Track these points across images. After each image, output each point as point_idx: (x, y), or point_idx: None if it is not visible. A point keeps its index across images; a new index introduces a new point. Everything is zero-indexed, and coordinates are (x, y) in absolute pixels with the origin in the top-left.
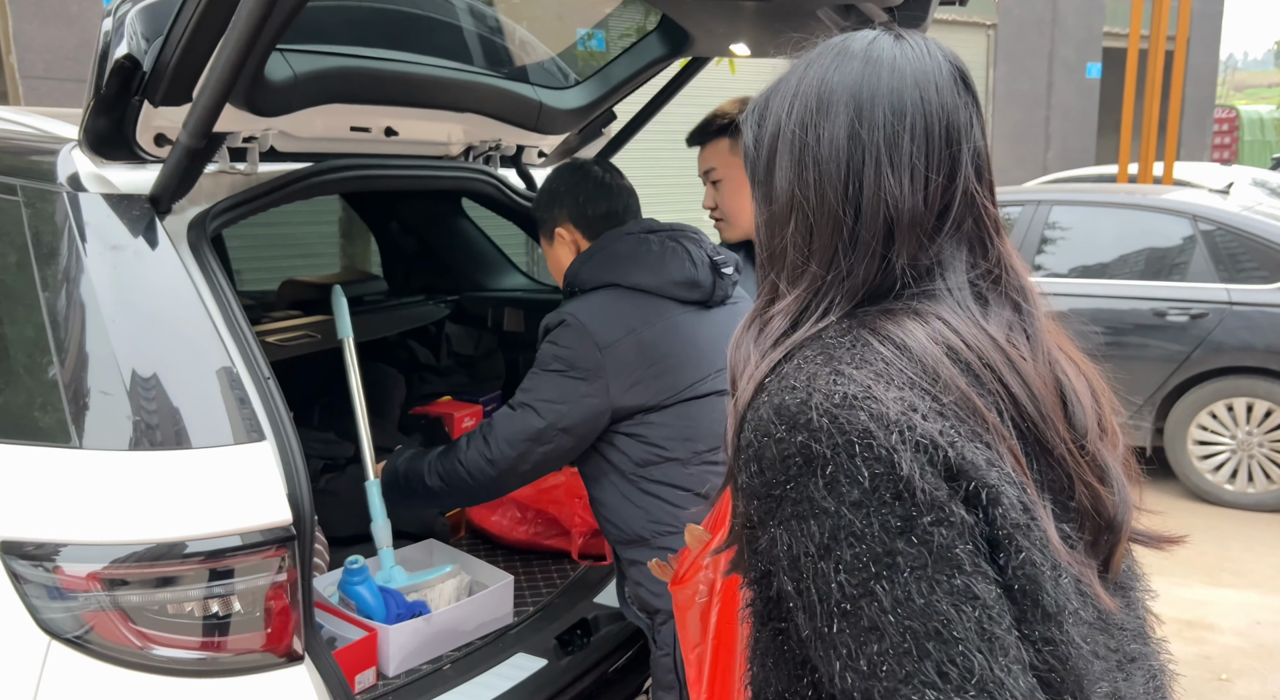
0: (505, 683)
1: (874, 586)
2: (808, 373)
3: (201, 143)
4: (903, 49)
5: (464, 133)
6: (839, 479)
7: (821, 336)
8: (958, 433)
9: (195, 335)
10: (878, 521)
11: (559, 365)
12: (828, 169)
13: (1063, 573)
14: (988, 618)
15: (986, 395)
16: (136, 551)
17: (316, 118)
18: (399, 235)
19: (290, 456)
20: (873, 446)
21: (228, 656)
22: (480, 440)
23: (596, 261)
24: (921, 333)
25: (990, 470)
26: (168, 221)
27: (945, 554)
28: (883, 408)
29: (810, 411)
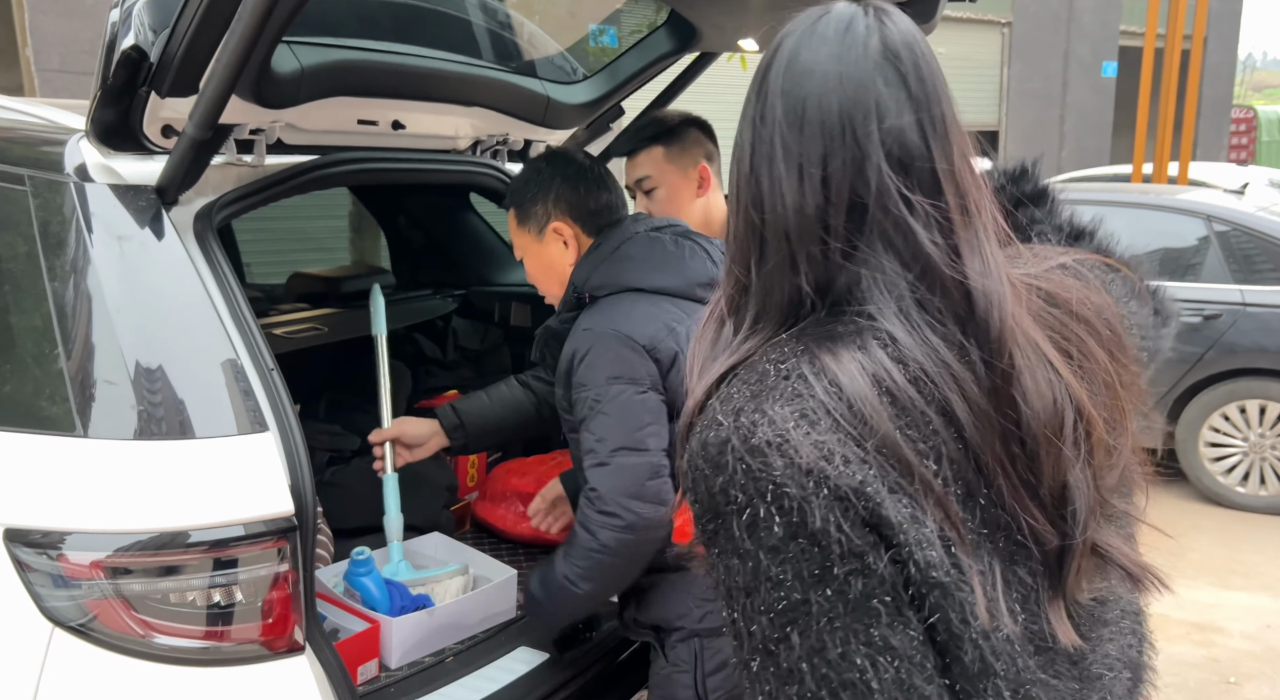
0: (507, 676)
1: (790, 633)
2: (734, 406)
3: (208, 134)
4: (835, 24)
5: (471, 127)
6: (756, 524)
7: (763, 359)
8: (881, 482)
9: (200, 326)
10: (792, 570)
11: (619, 386)
12: (742, 165)
13: (999, 630)
14: (906, 669)
15: (921, 439)
16: (140, 540)
17: (323, 110)
18: (407, 229)
19: (293, 447)
20: (785, 496)
21: (229, 646)
22: (600, 518)
23: (611, 264)
24: (856, 367)
25: (911, 526)
26: (174, 212)
27: (862, 605)
28: (796, 456)
29: (727, 455)
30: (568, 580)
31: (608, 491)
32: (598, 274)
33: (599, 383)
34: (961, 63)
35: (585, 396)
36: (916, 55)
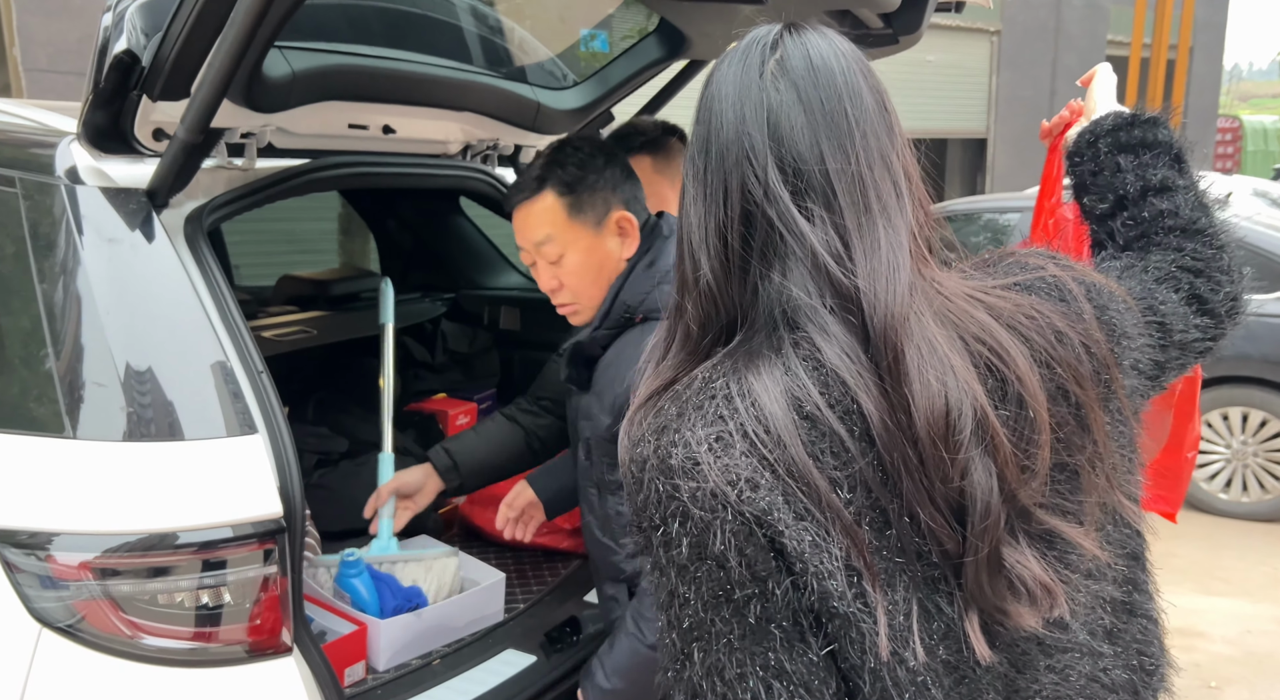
0: (494, 678)
1: (693, 650)
2: (660, 423)
3: (199, 137)
4: (751, 48)
5: (462, 132)
6: (669, 543)
7: (697, 377)
8: (789, 508)
9: (190, 328)
10: (695, 590)
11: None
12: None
13: (903, 663)
14: (801, 694)
15: (836, 466)
16: (128, 541)
17: (314, 114)
18: (396, 233)
19: (282, 449)
20: (689, 519)
21: (217, 647)
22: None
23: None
24: (779, 389)
25: (812, 554)
26: (164, 215)
27: (760, 629)
28: (703, 481)
29: (645, 472)
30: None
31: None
32: (655, 295)
33: None
34: (951, 71)
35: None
36: (816, 64)
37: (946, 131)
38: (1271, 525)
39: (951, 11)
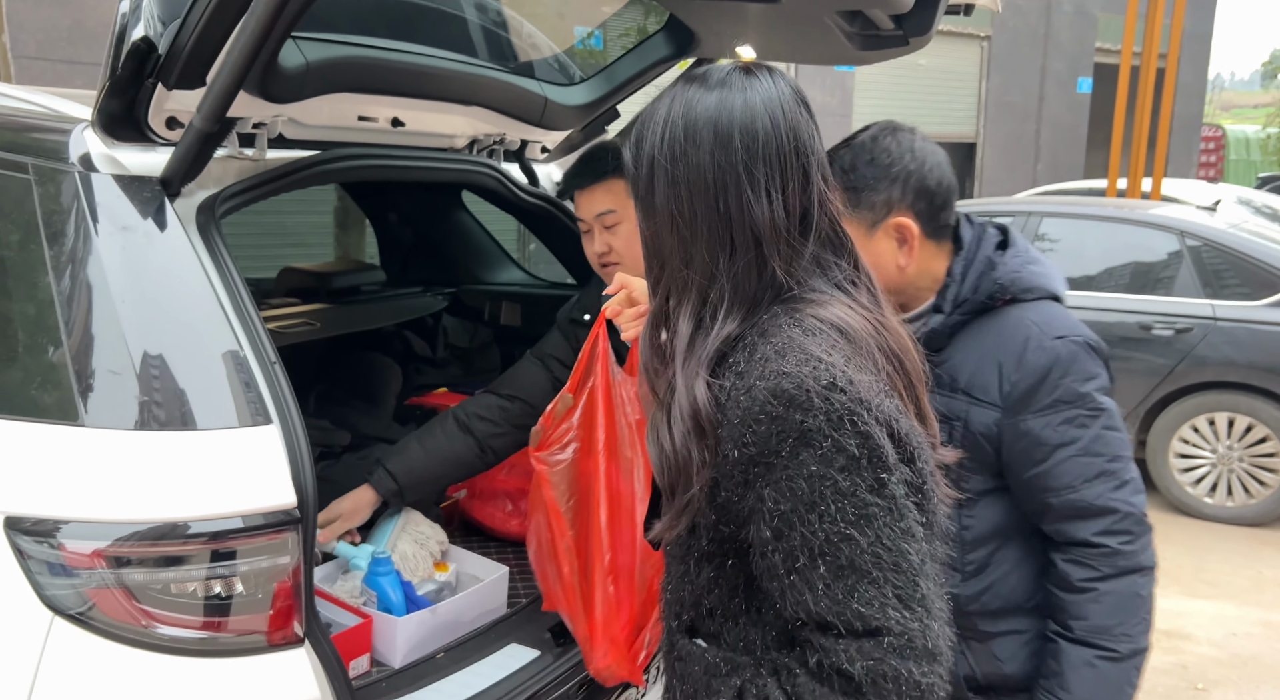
0: (499, 672)
1: (853, 533)
2: (792, 359)
3: (215, 127)
4: (751, 81)
5: (469, 126)
6: (830, 448)
7: (773, 325)
8: (897, 408)
9: (203, 318)
10: (860, 481)
11: (1108, 399)
12: (698, 190)
13: (934, 495)
14: (923, 554)
15: (895, 372)
16: (140, 530)
17: (325, 106)
18: (397, 227)
19: (295, 441)
20: (856, 422)
21: (228, 637)
22: (1138, 537)
23: (1036, 266)
24: (852, 317)
25: (913, 433)
26: (177, 204)
27: (900, 505)
28: (859, 391)
29: (806, 394)
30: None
31: (1142, 509)
32: (1028, 274)
33: (1090, 398)
34: (941, 75)
35: (1074, 415)
36: (807, 100)
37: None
38: (1256, 530)
39: (960, 14)
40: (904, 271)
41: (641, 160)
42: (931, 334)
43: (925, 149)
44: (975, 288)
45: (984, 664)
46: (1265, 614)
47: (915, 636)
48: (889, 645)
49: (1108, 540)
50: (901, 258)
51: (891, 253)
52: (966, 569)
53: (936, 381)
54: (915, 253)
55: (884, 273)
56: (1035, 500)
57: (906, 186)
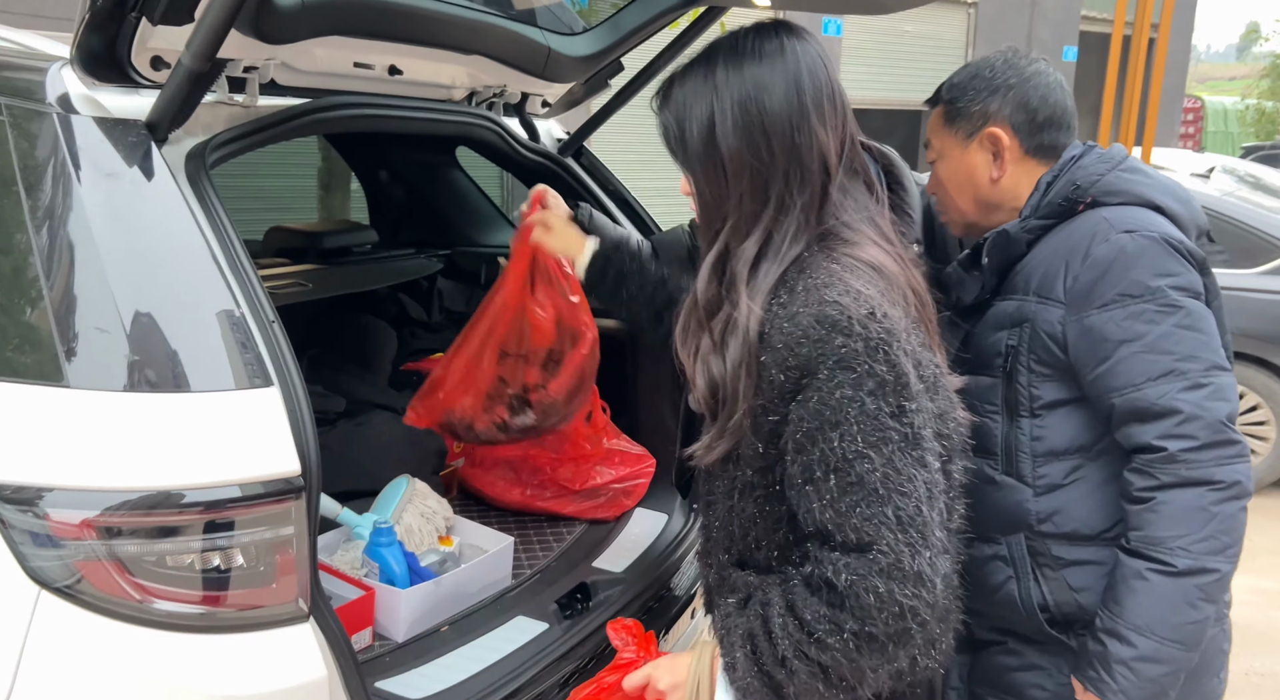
0: (507, 646)
1: (869, 452)
2: (836, 289)
3: (205, 66)
4: (798, 39)
5: (468, 76)
6: (864, 372)
7: (815, 262)
8: (922, 342)
9: (196, 272)
10: (885, 406)
11: (1188, 298)
12: (775, 130)
13: (953, 418)
14: (932, 482)
15: (919, 307)
16: (131, 499)
17: (320, 50)
18: (389, 185)
19: (296, 405)
20: (889, 351)
21: (229, 612)
22: (1221, 452)
23: (1126, 172)
24: (884, 257)
25: (934, 365)
26: (165, 151)
27: (917, 433)
28: (894, 322)
29: (849, 321)
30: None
31: (1217, 417)
32: (1114, 178)
33: (1161, 292)
34: (928, 42)
35: (1141, 310)
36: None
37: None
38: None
39: None
40: (996, 184)
41: (693, 125)
42: (1005, 239)
43: (1036, 70)
44: (1046, 193)
45: (1058, 593)
46: (1257, 581)
47: (904, 557)
48: (876, 562)
49: (1167, 443)
50: (994, 169)
51: (985, 164)
52: (1037, 484)
53: (1011, 288)
54: (1008, 165)
55: (977, 184)
56: (1103, 403)
57: (1005, 98)
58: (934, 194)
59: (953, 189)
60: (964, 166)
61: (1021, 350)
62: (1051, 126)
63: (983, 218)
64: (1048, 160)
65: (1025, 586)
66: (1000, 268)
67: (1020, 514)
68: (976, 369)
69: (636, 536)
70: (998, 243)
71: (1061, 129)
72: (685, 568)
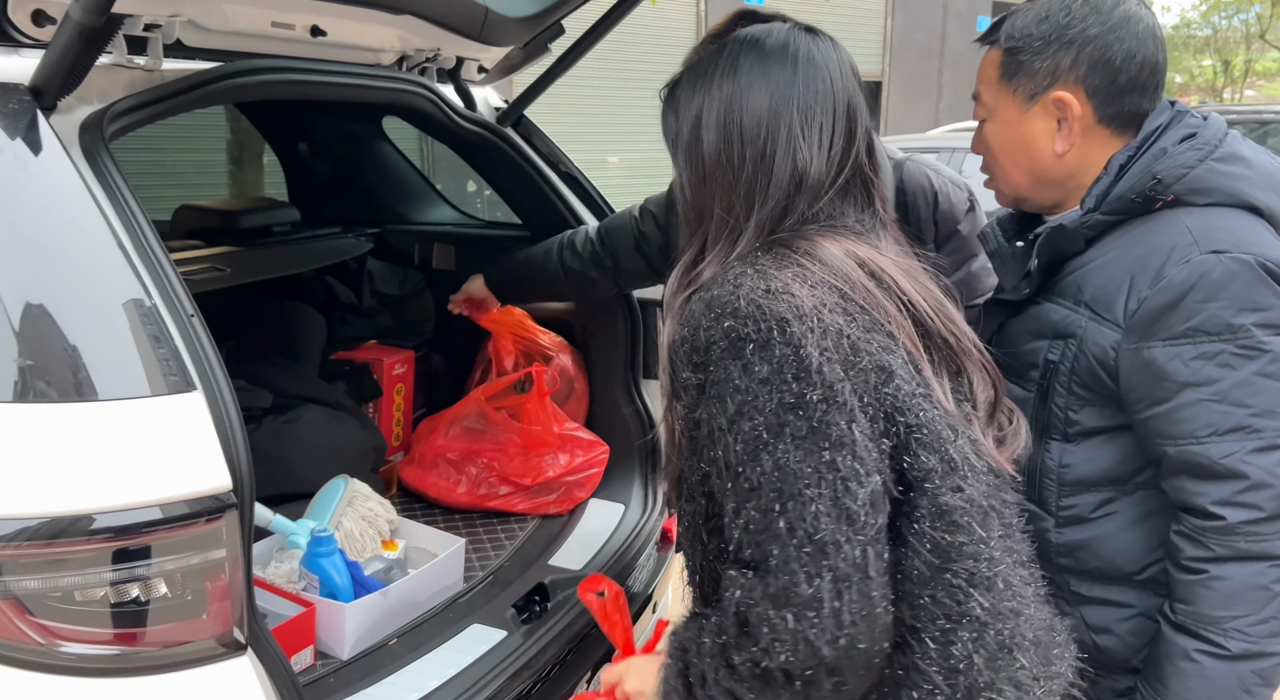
0: (464, 657)
1: (760, 453)
2: (734, 275)
3: (99, 21)
4: (815, 43)
5: (399, 38)
6: (753, 357)
7: (755, 256)
8: (860, 326)
9: (98, 260)
10: (777, 396)
11: (1268, 339)
12: (750, 135)
13: (959, 435)
14: (844, 489)
15: (888, 295)
16: (29, 527)
17: (232, 6)
18: (309, 158)
19: (223, 410)
20: (786, 330)
21: (152, 651)
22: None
23: (1222, 163)
24: (834, 246)
25: (882, 353)
26: (53, 121)
27: (823, 429)
28: (799, 301)
29: (738, 301)
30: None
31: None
32: (1204, 171)
33: (1245, 332)
34: (847, 13)
35: (1217, 350)
36: (859, 73)
37: None
38: None
39: None
40: (1062, 160)
41: (687, 108)
42: (1060, 234)
43: (1125, 14)
44: (1130, 183)
45: (1073, 630)
46: None
47: (798, 579)
48: (769, 586)
49: (1226, 512)
50: (1059, 141)
51: (1048, 134)
52: (1060, 515)
53: (1060, 290)
54: (1076, 137)
55: (1035, 155)
56: (1152, 447)
57: (1081, 54)
58: (979, 153)
59: (1004, 157)
60: (1021, 133)
61: (1063, 369)
62: (1135, 90)
63: (1036, 193)
64: (1124, 131)
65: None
66: (1049, 264)
67: (1038, 543)
68: (1006, 372)
69: (593, 530)
70: (1051, 239)
71: (1147, 92)
72: (645, 561)
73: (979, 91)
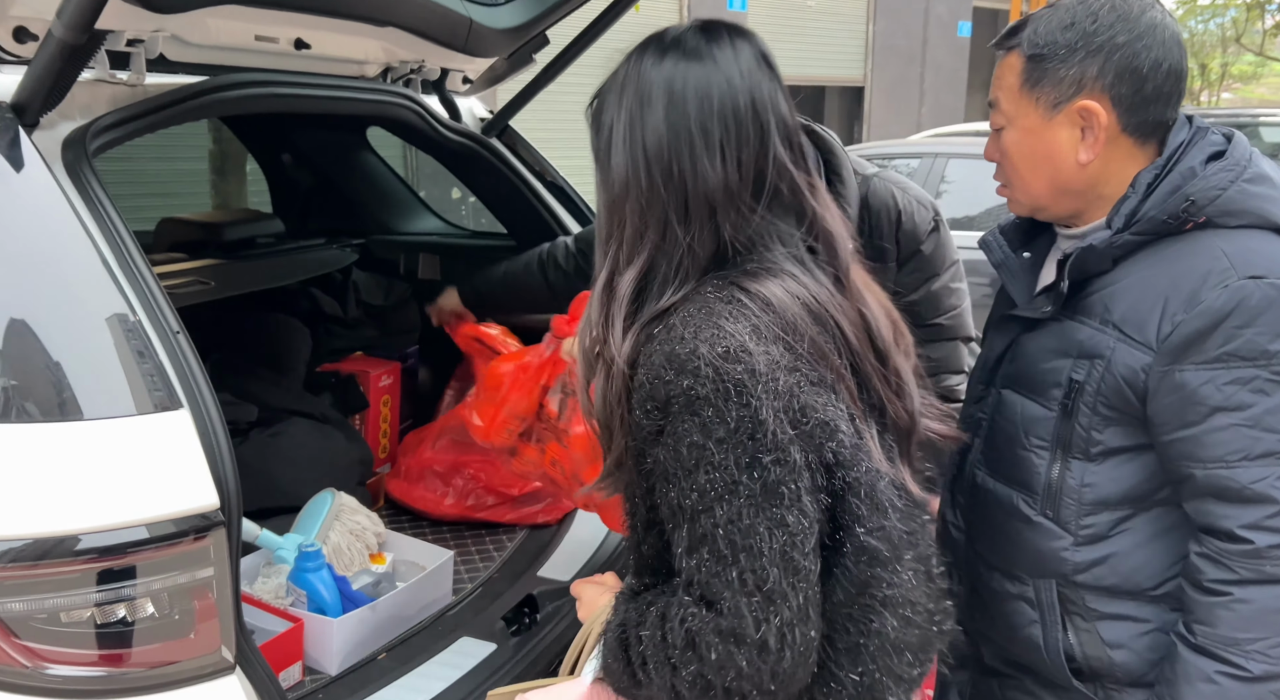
0: (453, 672)
1: (714, 506)
2: (694, 326)
3: (81, 38)
4: (709, 41)
5: (383, 51)
6: (711, 418)
7: (700, 294)
8: (808, 381)
9: (82, 278)
10: (733, 456)
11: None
12: (654, 155)
13: (884, 478)
14: (791, 544)
15: (829, 340)
16: (13, 549)
17: (215, 21)
18: (293, 170)
19: (210, 427)
20: (744, 394)
21: (139, 672)
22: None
23: (1252, 184)
24: (781, 290)
25: (827, 408)
26: (35, 137)
27: (775, 489)
28: (754, 362)
29: (697, 360)
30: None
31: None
32: (1236, 194)
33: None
34: (829, 18)
35: (1251, 376)
36: (771, 58)
37: (824, 79)
38: None
39: None
40: (1085, 170)
41: (602, 127)
42: (1089, 253)
43: (1151, 21)
44: (1160, 203)
45: (1089, 645)
46: None
47: (746, 624)
48: (719, 625)
49: (1255, 536)
50: (1083, 151)
51: (1071, 144)
52: (1080, 534)
53: (1085, 310)
54: (1101, 146)
55: (1058, 165)
56: (1177, 468)
57: (1109, 62)
58: (994, 161)
59: (1024, 166)
60: (1043, 143)
61: (1088, 388)
62: (1160, 99)
63: (1055, 203)
64: (1147, 140)
65: (1052, 634)
66: (1075, 282)
67: (1055, 561)
68: (1023, 387)
69: (582, 539)
70: (1081, 260)
71: (1171, 101)
72: None
73: (997, 98)
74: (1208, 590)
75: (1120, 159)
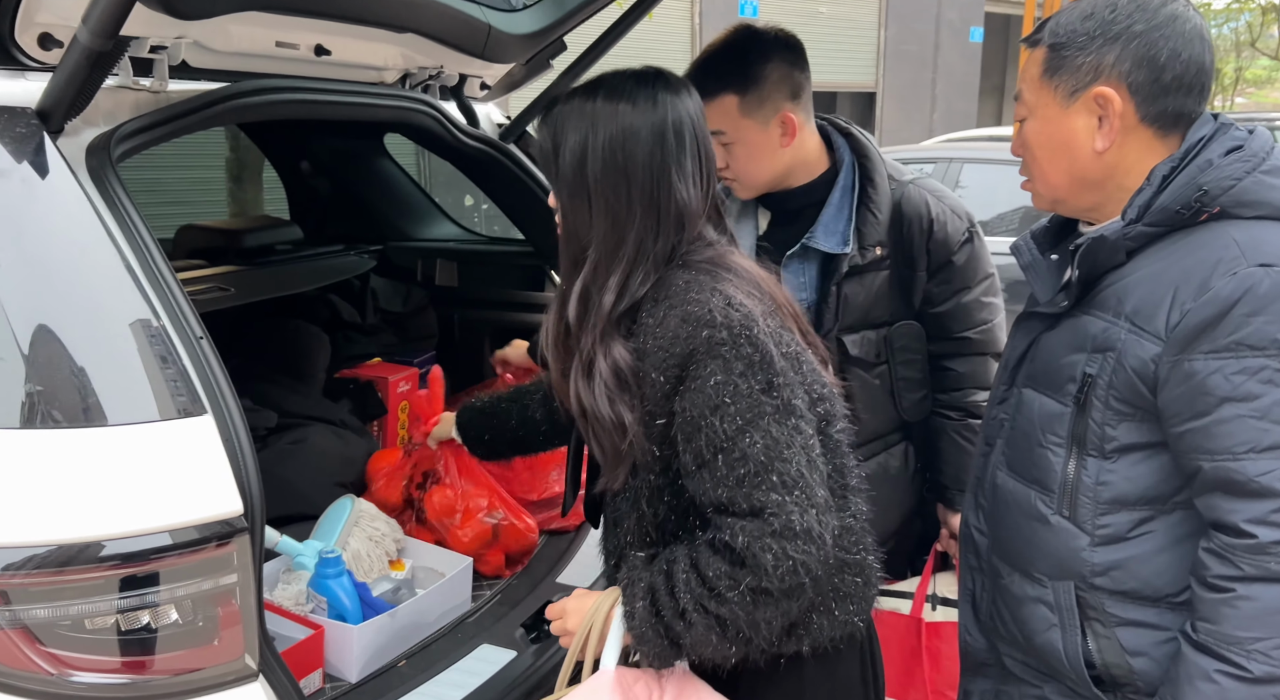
0: (473, 679)
1: (747, 428)
2: (695, 291)
3: (107, 44)
4: (673, 92)
5: (402, 57)
6: (731, 356)
7: (675, 279)
8: (779, 325)
9: (107, 284)
10: (755, 384)
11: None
12: (637, 181)
13: (830, 388)
14: (808, 447)
15: (779, 304)
16: (38, 555)
17: (237, 28)
18: (311, 177)
19: (234, 434)
20: (751, 334)
21: (164, 679)
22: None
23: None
24: (738, 263)
25: (794, 345)
26: (60, 144)
27: (789, 404)
28: (750, 309)
29: (712, 314)
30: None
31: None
32: (1252, 184)
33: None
34: (841, 24)
35: (1260, 365)
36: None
37: (836, 85)
38: None
39: None
40: (1102, 158)
41: (566, 152)
42: (1101, 247)
43: (1171, 13)
44: (1174, 194)
45: (1108, 652)
46: None
47: (793, 517)
48: (769, 524)
49: (1259, 531)
50: (1099, 139)
51: (1088, 132)
52: (1097, 534)
53: (1099, 304)
54: (1116, 134)
55: (1075, 154)
56: (1188, 462)
57: (1125, 50)
58: (1018, 155)
59: (1043, 157)
60: (1061, 131)
61: (1100, 382)
62: (1180, 90)
63: (1073, 194)
64: (1168, 133)
65: (1071, 638)
66: (1088, 276)
67: (1073, 562)
68: (1041, 385)
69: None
70: (1092, 251)
71: (1192, 93)
72: None
73: (1021, 90)
74: (1212, 586)
75: (1139, 150)
